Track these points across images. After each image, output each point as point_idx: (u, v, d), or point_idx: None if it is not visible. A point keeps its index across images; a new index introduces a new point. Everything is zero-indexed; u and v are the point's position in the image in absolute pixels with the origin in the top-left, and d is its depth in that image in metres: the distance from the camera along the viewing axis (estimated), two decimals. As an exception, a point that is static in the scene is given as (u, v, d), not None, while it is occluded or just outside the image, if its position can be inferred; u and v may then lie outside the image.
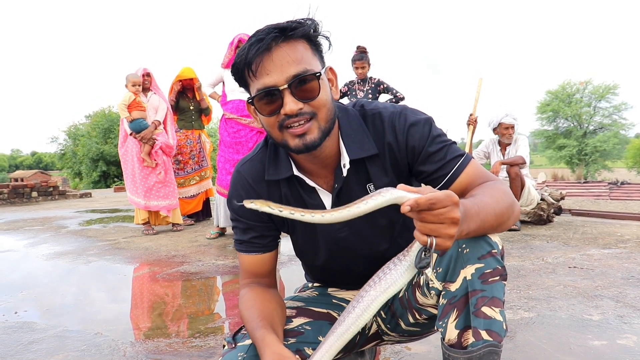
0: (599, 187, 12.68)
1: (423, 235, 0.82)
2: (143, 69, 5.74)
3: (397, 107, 1.21)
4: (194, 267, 3.83)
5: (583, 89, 33.85)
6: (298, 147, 1.08)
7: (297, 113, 1.05)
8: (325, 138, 1.10)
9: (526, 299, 2.64)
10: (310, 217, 0.87)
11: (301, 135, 1.07)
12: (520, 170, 5.01)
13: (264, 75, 1.05)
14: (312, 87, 1.05)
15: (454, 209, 0.81)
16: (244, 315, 1.19)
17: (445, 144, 1.15)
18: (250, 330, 1.13)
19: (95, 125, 34.25)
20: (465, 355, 0.97)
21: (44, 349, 2.20)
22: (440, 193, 0.80)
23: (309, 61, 1.06)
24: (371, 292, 0.94)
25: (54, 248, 4.89)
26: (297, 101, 1.04)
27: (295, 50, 1.05)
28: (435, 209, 0.80)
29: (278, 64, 1.04)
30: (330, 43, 1.14)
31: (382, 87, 5.48)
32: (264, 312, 1.17)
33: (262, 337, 1.08)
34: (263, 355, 1.03)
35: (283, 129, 1.08)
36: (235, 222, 1.28)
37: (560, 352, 1.95)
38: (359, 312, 0.96)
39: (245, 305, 1.20)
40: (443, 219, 0.80)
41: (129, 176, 5.59)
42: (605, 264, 3.37)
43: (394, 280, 0.92)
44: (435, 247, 0.82)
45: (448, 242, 0.82)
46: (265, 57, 1.04)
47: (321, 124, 1.08)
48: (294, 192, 1.23)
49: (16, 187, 11.66)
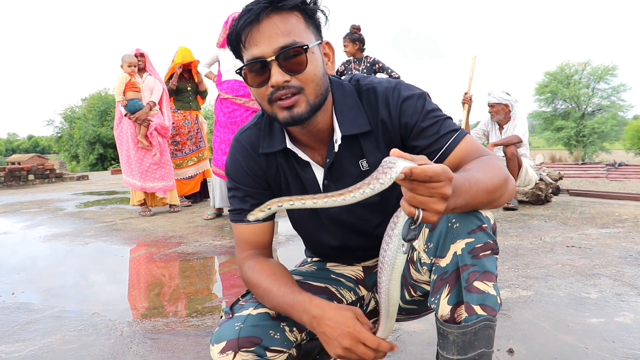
0: (597, 169, 12.67)
1: (410, 206, 0.79)
2: (136, 49, 5.67)
3: (392, 81, 1.19)
4: (191, 247, 3.82)
5: (582, 70, 33.68)
6: (285, 120, 1.07)
7: (283, 85, 1.03)
8: (314, 113, 1.08)
9: (524, 278, 2.64)
10: (323, 202, 0.82)
11: (289, 107, 1.05)
12: (517, 149, 4.99)
13: (253, 46, 1.03)
14: (300, 60, 1.03)
15: (446, 185, 0.78)
16: (262, 285, 1.14)
17: (439, 118, 1.13)
18: (282, 298, 1.09)
19: (92, 107, 33.97)
20: (459, 330, 0.96)
21: (41, 329, 2.20)
22: (437, 166, 0.77)
23: (299, 33, 1.04)
24: (383, 277, 0.94)
25: (51, 230, 4.87)
26: (284, 73, 1.03)
27: (285, 22, 1.03)
28: (429, 182, 0.77)
29: (266, 35, 1.02)
30: (327, 17, 1.10)
31: (378, 66, 5.47)
32: (289, 280, 1.15)
33: (309, 300, 1.07)
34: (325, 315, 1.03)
35: (272, 102, 1.06)
36: (233, 191, 1.26)
37: (558, 329, 1.95)
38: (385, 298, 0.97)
39: (262, 275, 1.16)
40: (434, 193, 0.77)
41: (124, 158, 5.55)
42: (603, 243, 3.37)
43: (393, 260, 0.90)
44: (421, 220, 0.79)
45: (434, 217, 0.79)
46: (254, 27, 1.02)
47: (309, 97, 1.06)
48: (289, 164, 1.22)
49: (12, 170, 11.59)
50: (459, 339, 0.96)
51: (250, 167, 1.22)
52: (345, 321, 1.01)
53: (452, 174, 0.79)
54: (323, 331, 1.03)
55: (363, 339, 1.00)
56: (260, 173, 1.23)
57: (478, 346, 0.96)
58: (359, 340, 1.00)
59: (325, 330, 1.03)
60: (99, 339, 2.07)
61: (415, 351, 1.83)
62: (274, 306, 1.12)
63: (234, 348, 1.08)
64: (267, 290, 1.13)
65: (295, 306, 1.07)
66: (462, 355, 0.97)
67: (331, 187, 1.19)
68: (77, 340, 2.06)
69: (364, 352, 1.00)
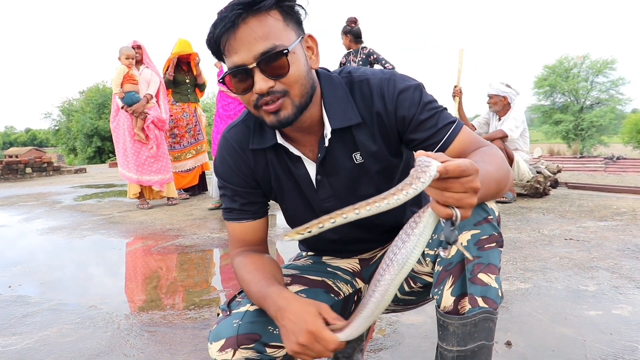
0: (595, 162, 12.67)
1: (445, 207, 0.76)
2: (133, 41, 5.63)
3: (386, 72, 1.16)
4: (189, 240, 3.81)
5: (580, 63, 33.61)
6: (272, 124, 1.05)
7: (268, 92, 1.01)
8: (300, 113, 1.06)
9: (522, 271, 2.64)
10: (355, 214, 0.78)
11: (275, 112, 1.03)
12: (505, 143, 5.00)
13: (233, 54, 1.00)
14: (281, 64, 1.00)
15: (476, 178, 0.76)
16: (245, 279, 1.14)
17: (436, 110, 1.11)
18: (258, 290, 1.09)
19: (89, 100, 33.89)
20: (460, 321, 0.95)
21: (38, 322, 2.19)
22: (464, 160, 0.75)
23: (278, 35, 1.00)
24: (386, 276, 0.88)
25: (49, 223, 4.86)
26: (267, 79, 1.00)
27: (262, 25, 0.99)
28: (462, 177, 0.75)
29: (245, 41, 0.98)
30: (306, 11, 1.08)
31: (373, 57, 5.51)
32: (269, 273, 1.14)
33: (278, 292, 1.05)
34: (288, 308, 1.01)
35: (258, 107, 1.04)
36: (223, 190, 1.24)
37: (555, 322, 1.95)
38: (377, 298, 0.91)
39: (246, 270, 1.16)
40: (467, 188, 0.75)
41: (121, 150, 5.53)
42: (601, 236, 3.37)
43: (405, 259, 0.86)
44: (460, 219, 0.76)
45: (469, 212, 0.78)
46: (231, 35, 0.99)
47: (294, 100, 1.04)
48: (280, 160, 1.20)
49: (10, 163, 11.55)
50: (459, 330, 0.96)
51: (238, 166, 1.21)
52: (306, 317, 0.98)
53: (477, 165, 0.78)
54: (284, 324, 1.01)
55: (320, 338, 0.97)
56: (248, 172, 1.21)
57: (478, 338, 0.96)
58: (315, 339, 0.97)
59: (285, 323, 1.00)
60: (96, 332, 2.07)
61: (413, 343, 1.83)
62: (255, 300, 1.11)
63: (233, 345, 1.07)
64: (248, 283, 1.13)
65: (267, 298, 1.06)
66: (461, 347, 0.96)
67: (324, 182, 1.18)
68: (74, 333, 2.06)
69: (319, 351, 0.98)
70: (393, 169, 1.19)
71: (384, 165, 1.17)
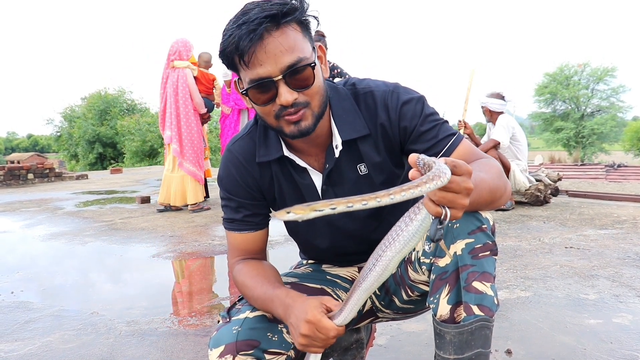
0: (596, 170, 12.69)
1: (437, 206, 0.78)
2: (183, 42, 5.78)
3: (389, 85, 1.19)
4: (190, 247, 3.82)
5: (581, 71, 33.70)
6: (293, 133, 1.07)
7: (292, 103, 1.03)
8: (318, 122, 1.08)
9: (523, 279, 2.64)
10: (362, 204, 0.79)
11: (296, 122, 1.05)
12: (499, 152, 5.00)
13: (257, 66, 1.00)
14: (306, 76, 1.03)
15: (468, 179, 0.78)
16: (248, 284, 1.16)
17: (437, 122, 1.14)
18: (264, 293, 1.11)
19: (91, 106, 33.96)
20: (456, 329, 0.97)
21: (40, 328, 2.20)
22: (457, 160, 0.77)
23: (301, 47, 1.02)
24: (387, 252, 0.89)
25: (50, 229, 4.87)
26: (292, 91, 1.02)
27: (287, 38, 1.01)
28: (456, 173, 0.76)
29: (271, 54, 0.99)
30: (318, 21, 1.10)
31: (336, 71, 5.50)
32: (272, 277, 1.17)
33: (286, 293, 1.08)
34: (294, 305, 1.03)
35: (279, 117, 1.06)
36: (226, 201, 1.25)
37: (556, 330, 1.95)
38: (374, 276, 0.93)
39: (248, 275, 1.18)
40: (461, 189, 0.77)
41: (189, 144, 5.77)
42: (602, 244, 3.38)
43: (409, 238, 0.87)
44: (449, 219, 0.78)
45: (460, 213, 0.79)
46: (258, 47, 0.99)
47: (315, 110, 1.07)
48: (285, 172, 1.21)
49: (12, 169, 11.57)
50: (456, 338, 0.97)
51: (244, 179, 1.22)
52: (306, 309, 1.02)
53: (470, 167, 0.79)
54: (290, 322, 1.04)
55: (320, 327, 1.00)
56: (254, 184, 1.23)
57: (475, 346, 0.97)
58: (316, 328, 1.00)
59: (292, 320, 1.04)
60: (98, 338, 2.07)
61: (413, 351, 1.84)
62: (259, 304, 1.13)
63: (232, 352, 1.08)
64: (251, 288, 1.15)
65: (274, 300, 1.08)
66: (458, 355, 0.98)
67: (330, 193, 1.19)
68: (76, 340, 2.07)
69: (323, 340, 1.01)
70: (396, 179, 1.21)
71: (387, 176, 1.19)
